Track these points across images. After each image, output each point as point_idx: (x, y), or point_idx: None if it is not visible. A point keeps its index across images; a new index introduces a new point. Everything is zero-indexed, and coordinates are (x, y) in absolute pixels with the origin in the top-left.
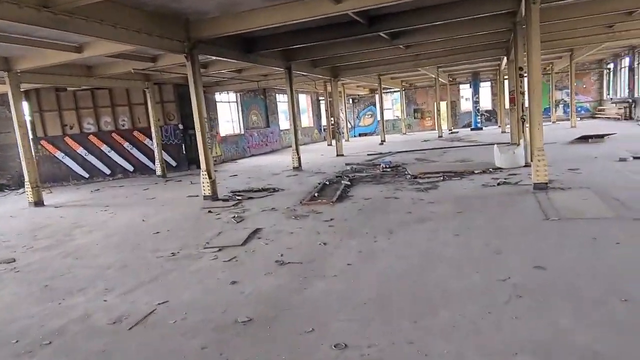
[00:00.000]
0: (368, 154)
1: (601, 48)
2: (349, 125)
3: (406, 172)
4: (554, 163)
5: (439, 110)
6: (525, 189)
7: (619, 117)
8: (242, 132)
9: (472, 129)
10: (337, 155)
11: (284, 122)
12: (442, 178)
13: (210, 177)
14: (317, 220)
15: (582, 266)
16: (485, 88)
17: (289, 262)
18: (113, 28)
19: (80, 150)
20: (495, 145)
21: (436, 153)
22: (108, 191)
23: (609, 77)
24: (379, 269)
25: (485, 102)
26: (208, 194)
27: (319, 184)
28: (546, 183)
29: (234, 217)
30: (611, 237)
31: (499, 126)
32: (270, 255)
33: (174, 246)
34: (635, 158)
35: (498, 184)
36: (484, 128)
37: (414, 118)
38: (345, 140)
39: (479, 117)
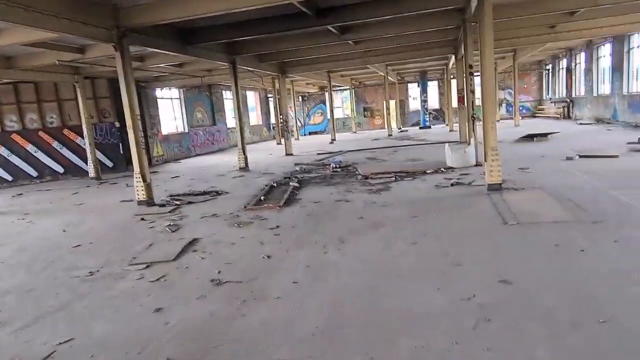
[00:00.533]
0: (318, 153)
1: (542, 49)
2: (299, 124)
3: (357, 173)
4: (504, 162)
5: (388, 109)
6: (479, 189)
7: (558, 116)
8: (187, 131)
9: (420, 128)
10: (287, 154)
11: (232, 120)
12: (394, 178)
13: (145, 181)
14: (262, 227)
15: (550, 279)
16: (432, 87)
17: (226, 282)
18: (24, 11)
19: (2, 150)
20: (447, 144)
21: (387, 152)
22: (32, 196)
23: (548, 77)
24: (329, 288)
25: (433, 101)
26: (143, 199)
27: (266, 186)
28: (500, 184)
29: (170, 225)
30: (574, 244)
31: (447, 125)
32: (205, 272)
33: (95, 263)
34: (581, 157)
35: (451, 185)
36: (432, 127)
37: (364, 116)
38: (295, 139)
39: (427, 116)
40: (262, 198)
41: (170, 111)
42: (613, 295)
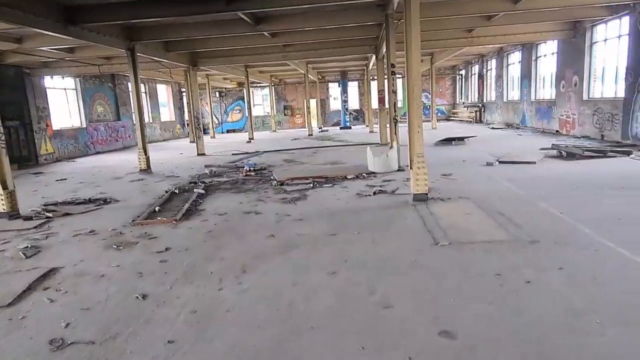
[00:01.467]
0: (233, 154)
1: (457, 54)
2: (216, 121)
3: (272, 178)
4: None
5: (308, 108)
6: (404, 199)
7: (471, 120)
8: (84, 126)
9: (341, 128)
10: (198, 154)
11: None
12: (312, 185)
13: (4, 188)
14: (148, 251)
15: (501, 329)
16: (353, 88)
17: (72, 343)
18: None
19: None
20: (369, 148)
21: (306, 153)
22: None
23: (462, 82)
24: (216, 352)
25: (354, 102)
26: (3, 211)
27: (166, 192)
28: (426, 194)
29: (27, 248)
30: (517, 273)
31: (367, 126)
32: (49, 325)
33: None
34: (500, 162)
35: (374, 194)
36: (352, 127)
37: (284, 115)
38: (211, 137)
39: (348, 117)
40: (156, 209)
41: (65, 103)
42: (579, 351)
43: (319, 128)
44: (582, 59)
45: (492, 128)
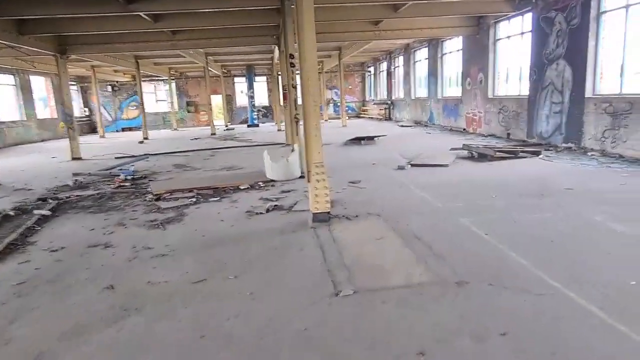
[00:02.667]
0: (116, 157)
1: (364, 50)
2: (109, 118)
3: (149, 190)
4: (333, 173)
5: (210, 104)
6: (302, 219)
7: (381, 117)
8: None
9: (248, 126)
10: (73, 158)
11: (9, 112)
12: (195, 199)
13: None
14: None
15: None
16: (260, 83)
17: None
18: None
19: None
20: (266, 152)
21: (203, 156)
22: None
23: (371, 79)
24: None
25: (262, 98)
26: None
27: None
28: (328, 212)
29: None
30: (447, 348)
31: (276, 124)
32: None
33: None
34: (412, 165)
35: (267, 211)
36: (260, 125)
37: (188, 112)
38: (100, 137)
39: (256, 114)
40: None
41: None
42: None
43: (225, 126)
44: (487, 56)
45: (401, 126)
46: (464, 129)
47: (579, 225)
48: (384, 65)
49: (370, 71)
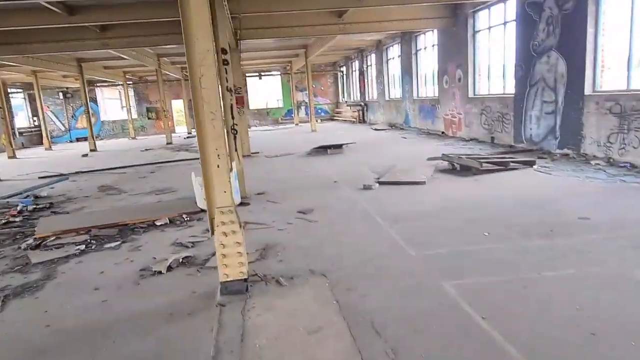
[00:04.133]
0: (40, 177)
1: (332, 49)
2: (62, 128)
3: (34, 229)
4: (283, 196)
5: (165, 111)
6: (214, 284)
7: (354, 120)
8: None
9: None
10: None
11: None
12: (85, 246)
13: None
14: None
15: None
16: None
17: None
18: None
19: None
20: (194, 175)
21: (141, 173)
22: None
23: (344, 79)
24: None
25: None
26: None
27: None
28: (245, 279)
29: None
30: None
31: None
32: None
33: None
34: (381, 183)
35: (170, 269)
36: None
37: (149, 119)
38: (45, 149)
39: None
40: None
41: None
42: None
43: (189, 133)
44: (465, 50)
45: (375, 129)
46: (443, 133)
47: (625, 297)
48: (356, 65)
49: (342, 71)
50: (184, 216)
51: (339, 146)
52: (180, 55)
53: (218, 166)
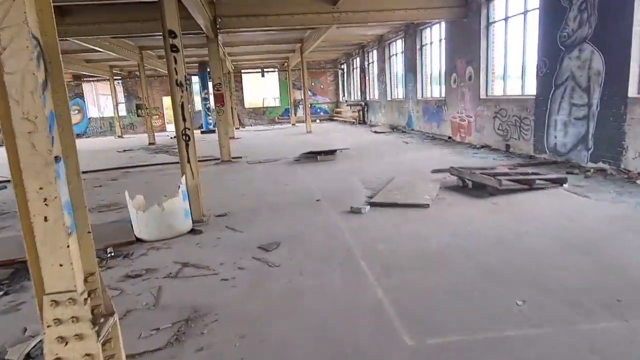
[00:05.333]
0: None
1: (333, 44)
2: None
3: None
4: (250, 219)
5: (147, 109)
6: None
7: (354, 120)
8: None
9: (202, 132)
10: None
11: None
12: None
13: None
14: None
15: None
16: None
17: None
18: None
19: None
20: (127, 194)
21: (101, 180)
22: None
23: (344, 78)
24: None
25: None
26: None
27: None
28: None
29: None
30: None
31: (237, 128)
32: None
33: None
34: (373, 205)
35: (28, 359)
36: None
37: (138, 116)
38: None
39: (211, 118)
40: None
41: None
42: None
43: None
44: (477, 45)
45: (375, 132)
46: (449, 138)
47: None
48: (357, 62)
49: (343, 68)
50: (109, 251)
51: (331, 152)
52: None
53: (46, 219)
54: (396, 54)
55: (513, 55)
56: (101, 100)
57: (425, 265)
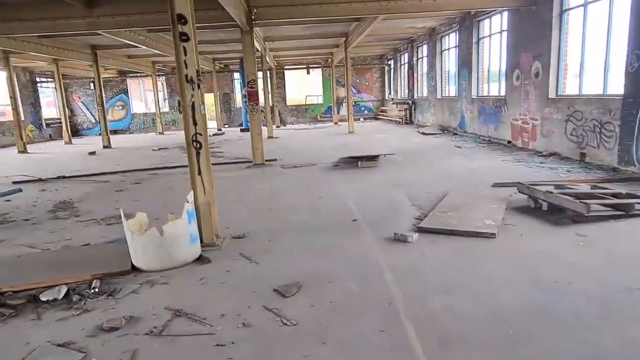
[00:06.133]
0: (13, 182)
1: (380, 38)
2: (92, 120)
3: None
4: (267, 250)
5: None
6: None
7: (400, 120)
8: None
9: (242, 130)
10: None
11: None
12: None
13: None
14: None
15: None
16: (261, 79)
17: None
18: None
19: None
20: (122, 213)
21: (124, 183)
22: None
23: (390, 74)
24: None
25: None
26: None
27: None
28: None
29: None
30: None
31: (278, 126)
32: None
33: None
34: (423, 231)
35: None
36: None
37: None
38: (65, 142)
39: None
40: None
41: None
42: None
43: (218, 129)
44: (548, 36)
45: (423, 133)
46: (509, 142)
47: None
48: (405, 57)
49: (389, 64)
50: (93, 285)
51: (374, 157)
52: (207, 44)
53: None
54: (448, 49)
55: (592, 48)
56: (148, 96)
57: (500, 339)
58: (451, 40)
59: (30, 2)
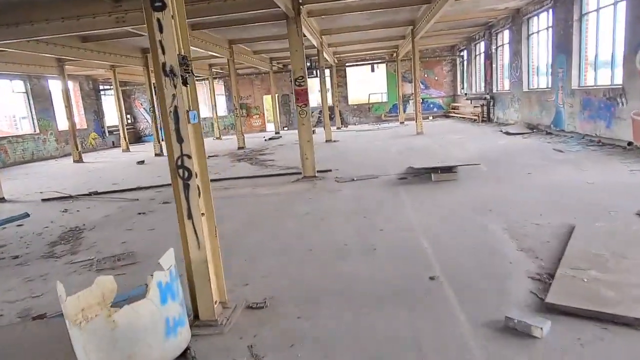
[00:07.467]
0: (43, 199)
1: (452, 25)
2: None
3: None
4: (294, 337)
5: (235, 108)
6: None
7: (476, 117)
8: None
9: None
10: None
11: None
12: None
13: None
14: None
15: None
16: (312, 78)
17: None
18: None
19: None
20: (59, 287)
21: (149, 204)
22: None
23: (463, 67)
24: None
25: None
26: None
27: None
28: None
29: None
30: None
31: (338, 128)
32: None
33: None
34: (551, 310)
35: None
36: (316, 130)
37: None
38: (123, 150)
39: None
40: None
41: None
42: None
43: (276, 132)
44: None
45: (507, 133)
46: (630, 144)
47: None
48: (481, 47)
49: (462, 56)
50: None
51: (451, 169)
52: (259, 41)
53: None
54: (538, 32)
55: None
56: (217, 100)
57: None
58: (541, 21)
59: (54, 1)
